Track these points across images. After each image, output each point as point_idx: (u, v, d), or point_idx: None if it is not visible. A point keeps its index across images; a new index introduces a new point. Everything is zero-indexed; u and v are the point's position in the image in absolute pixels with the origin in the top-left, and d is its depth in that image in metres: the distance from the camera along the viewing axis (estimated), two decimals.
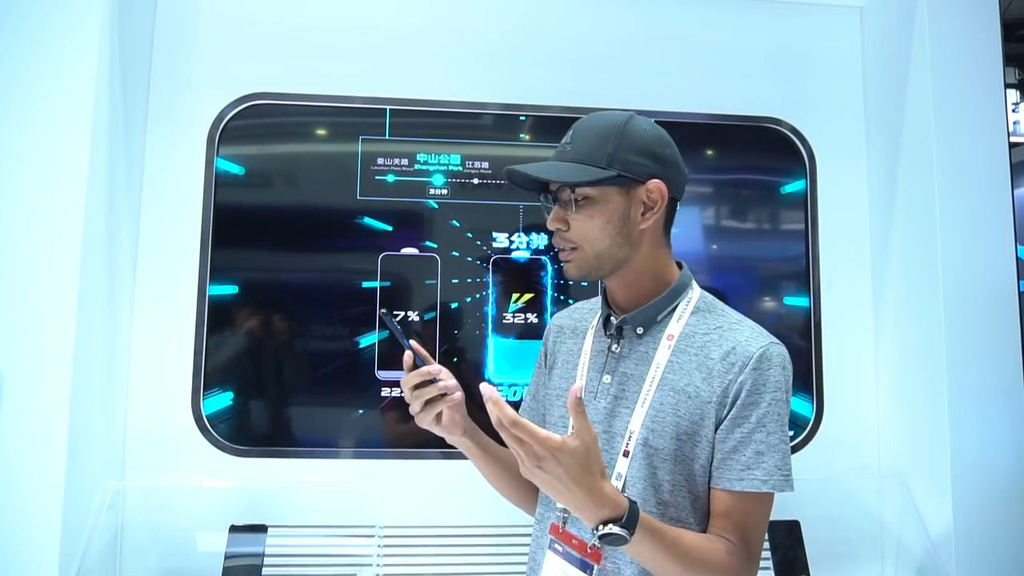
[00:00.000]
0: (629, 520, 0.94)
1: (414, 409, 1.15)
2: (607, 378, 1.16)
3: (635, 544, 0.95)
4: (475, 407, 1.38)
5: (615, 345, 1.17)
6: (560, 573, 1.08)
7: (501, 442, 0.96)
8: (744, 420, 1.07)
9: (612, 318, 1.18)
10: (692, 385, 1.10)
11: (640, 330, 1.16)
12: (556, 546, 1.11)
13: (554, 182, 1.12)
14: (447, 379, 1.16)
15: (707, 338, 1.12)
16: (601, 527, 0.94)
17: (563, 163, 1.11)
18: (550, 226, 1.14)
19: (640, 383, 1.12)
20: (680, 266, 1.20)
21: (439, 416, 1.16)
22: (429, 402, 1.14)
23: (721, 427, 1.08)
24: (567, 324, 1.30)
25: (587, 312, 1.30)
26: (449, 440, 1.19)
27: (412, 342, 1.14)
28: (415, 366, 1.14)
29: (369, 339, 1.92)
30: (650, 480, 1.09)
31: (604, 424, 1.14)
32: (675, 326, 1.14)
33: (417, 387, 1.13)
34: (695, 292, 1.18)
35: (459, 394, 1.17)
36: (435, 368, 1.14)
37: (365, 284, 1.93)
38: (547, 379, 1.29)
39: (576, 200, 1.11)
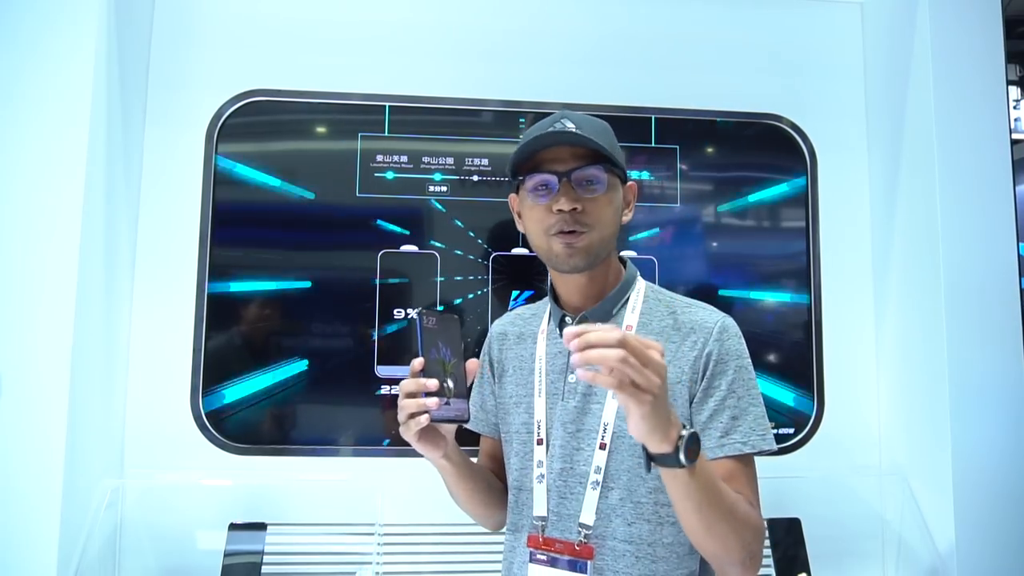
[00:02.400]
0: (693, 434, 0.91)
1: (400, 418, 1.03)
2: (572, 377, 1.14)
3: (700, 464, 0.92)
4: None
5: None
6: None
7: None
8: (715, 389, 1.09)
9: (568, 318, 1.17)
10: None
11: (599, 325, 1.14)
12: (539, 556, 1.10)
13: (583, 160, 1.09)
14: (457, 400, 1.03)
15: (664, 323, 1.15)
16: (683, 433, 0.89)
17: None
18: (565, 206, 1.08)
19: None
20: (623, 261, 1.23)
21: (421, 431, 1.04)
22: (414, 416, 1.01)
23: (695, 400, 1.10)
24: (511, 331, 1.28)
25: (530, 318, 1.28)
26: (426, 456, 1.09)
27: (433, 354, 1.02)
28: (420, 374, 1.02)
29: (370, 335, 1.91)
30: (635, 470, 1.08)
31: (577, 423, 1.13)
32: (631, 316, 1.16)
33: (411, 395, 1.02)
34: (641, 283, 1.21)
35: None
36: (432, 383, 1.00)
37: (365, 280, 1.93)
38: (498, 388, 1.27)
39: (598, 182, 1.11)
